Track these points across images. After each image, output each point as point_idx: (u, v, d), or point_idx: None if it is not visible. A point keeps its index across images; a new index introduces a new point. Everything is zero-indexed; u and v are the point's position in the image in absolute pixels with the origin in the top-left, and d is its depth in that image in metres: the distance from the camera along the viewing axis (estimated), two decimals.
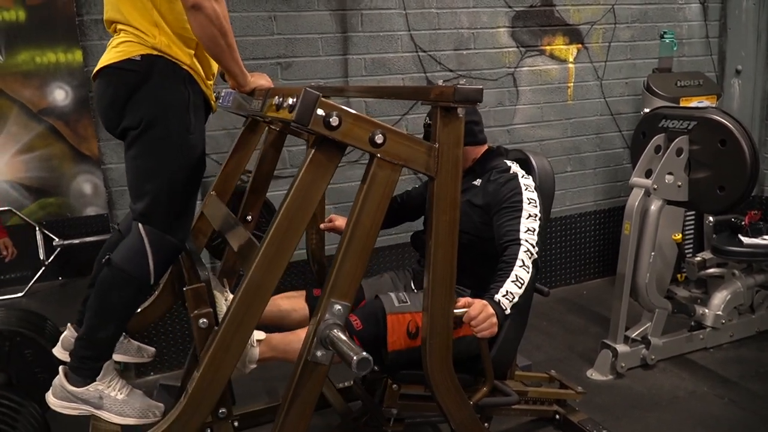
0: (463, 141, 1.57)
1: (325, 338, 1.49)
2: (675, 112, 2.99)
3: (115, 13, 1.78)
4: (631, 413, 2.73)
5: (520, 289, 1.84)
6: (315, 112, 1.38)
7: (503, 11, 3.67)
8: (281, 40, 3.20)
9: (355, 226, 1.51)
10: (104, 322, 1.80)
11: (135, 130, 1.76)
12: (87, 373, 1.81)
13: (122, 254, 1.81)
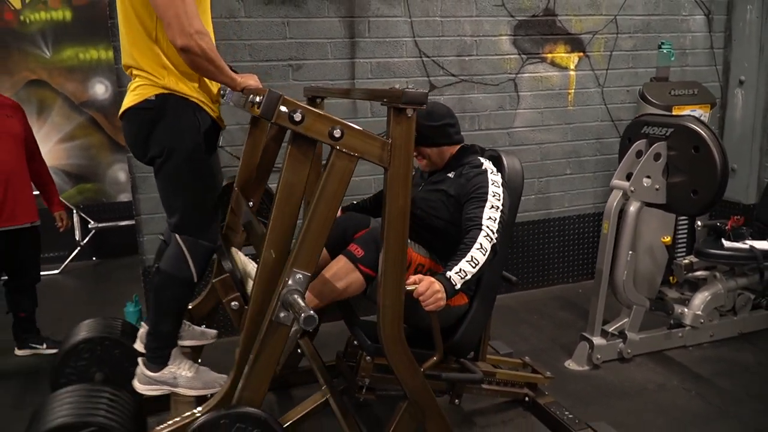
0: (413, 137, 1.80)
1: (286, 302, 1.75)
2: (655, 120, 3.15)
3: (129, 59, 2.11)
4: (599, 400, 2.91)
5: (473, 268, 2.05)
6: (279, 109, 1.64)
7: (505, 20, 3.87)
8: (293, 43, 3.48)
9: (316, 207, 1.77)
10: (163, 318, 2.19)
11: (159, 158, 2.11)
12: (159, 360, 2.21)
13: (167, 261, 2.18)
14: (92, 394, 2.02)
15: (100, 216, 5.25)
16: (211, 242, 2.21)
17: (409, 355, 1.98)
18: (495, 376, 2.72)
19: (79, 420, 1.87)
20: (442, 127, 2.42)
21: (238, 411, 1.78)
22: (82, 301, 4.46)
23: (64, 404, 1.93)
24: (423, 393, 2.03)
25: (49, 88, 5.08)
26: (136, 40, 2.07)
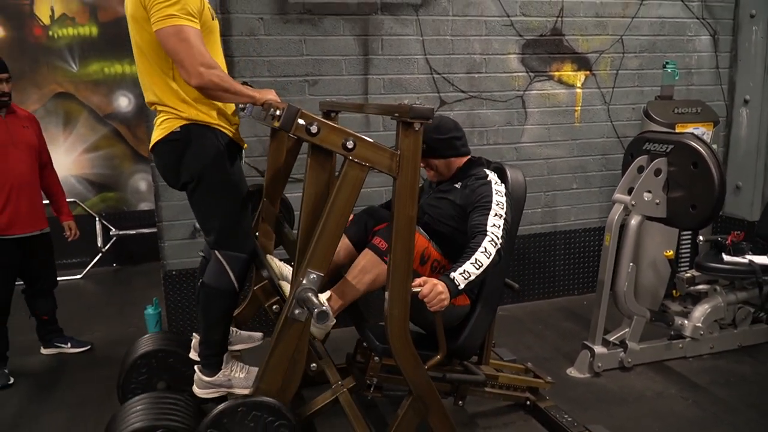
0: (420, 148, 1.95)
1: (300, 299, 1.89)
2: (656, 137, 3.27)
3: (152, 96, 2.28)
4: (598, 406, 3.01)
5: (477, 270, 2.18)
6: (297, 121, 1.79)
7: (514, 39, 4.03)
8: (310, 60, 3.65)
9: (330, 213, 1.92)
10: (213, 328, 2.36)
11: (191, 183, 2.29)
12: (214, 365, 2.38)
13: (210, 276, 2.34)
14: (157, 400, 2.21)
15: (120, 224, 5.43)
16: (248, 253, 2.37)
17: (414, 352, 2.11)
18: (497, 380, 2.83)
19: (149, 424, 2.05)
20: (449, 140, 2.56)
21: (254, 400, 1.92)
22: (104, 304, 4.63)
23: (134, 412, 2.12)
24: (427, 389, 2.16)
25: (76, 100, 5.30)
26: (155, 81, 2.25)
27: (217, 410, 1.90)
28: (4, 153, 3.22)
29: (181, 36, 2.06)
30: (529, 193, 4.18)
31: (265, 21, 3.54)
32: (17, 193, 3.27)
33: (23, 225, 3.31)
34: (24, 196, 3.31)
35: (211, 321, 2.37)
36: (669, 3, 4.32)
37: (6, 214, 3.24)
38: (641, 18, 4.28)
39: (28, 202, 3.33)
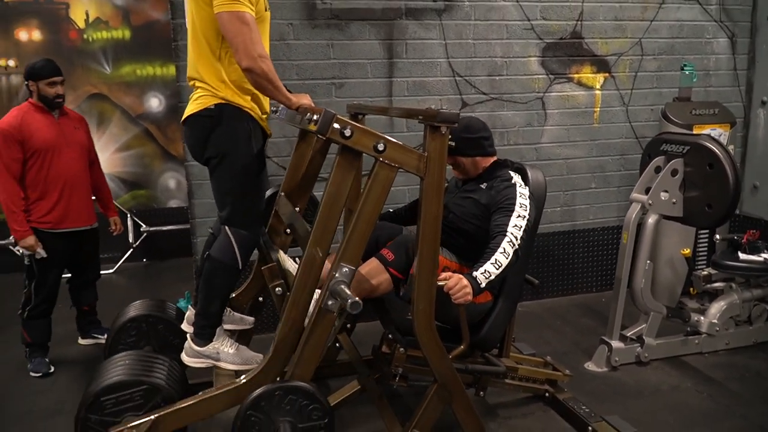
0: (446, 150, 2.07)
1: (334, 291, 2.03)
2: (673, 138, 3.36)
3: (194, 72, 2.43)
4: (614, 398, 3.11)
5: (497, 269, 2.30)
6: (332, 126, 1.93)
7: (534, 42, 4.13)
8: (336, 64, 3.79)
9: (362, 210, 2.06)
10: (212, 300, 2.48)
11: (215, 159, 2.42)
12: (206, 336, 2.49)
13: (217, 250, 2.47)
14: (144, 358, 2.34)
15: (151, 220, 5.63)
16: (255, 235, 2.50)
17: (439, 342, 2.24)
18: (517, 372, 2.95)
19: (133, 379, 2.18)
20: (477, 140, 2.68)
21: (290, 384, 2.06)
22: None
23: (119, 365, 2.25)
24: (451, 377, 2.29)
25: (109, 101, 5.50)
26: (202, 58, 2.38)
27: (256, 394, 2.04)
28: (58, 153, 3.40)
29: (243, 20, 2.20)
30: (548, 192, 4.28)
31: (295, 26, 3.69)
32: (70, 190, 3.45)
33: (74, 220, 3.50)
34: (75, 192, 3.49)
35: (211, 293, 2.47)
36: (687, 6, 4.39)
37: (59, 209, 3.42)
38: (660, 21, 4.35)
39: (79, 198, 3.51)
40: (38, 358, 3.50)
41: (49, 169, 3.40)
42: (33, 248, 3.36)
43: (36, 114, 3.40)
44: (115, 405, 2.15)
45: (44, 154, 3.37)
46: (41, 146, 3.36)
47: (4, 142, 3.29)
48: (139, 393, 2.17)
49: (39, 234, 3.39)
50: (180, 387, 2.29)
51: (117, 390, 2.16)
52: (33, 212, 3.40)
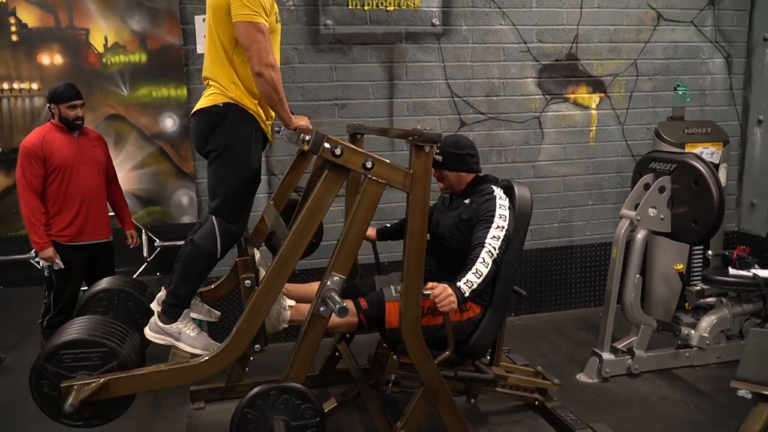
0: (431, 168, 2.23)
1: (325, 298, 2.18)
2: (662, 156, 3.49)
3: (208, 72, 2.62)
4: (603, 408, 3.21)
5: (478, 279, 2.43)
6: (323, 145, 2.09)
7: (531, 64, 4.29)
8: (339, 85, 3.98)
9: (352, 223, 2.21)
10: (185, 282, 2.60)
11: (215, 152, 2.57)
12: (172, 315, 2.60)
13: (200, 236, 2.60)
14: (107, 323, 2.44)
15: (164, 235, 5.83)
16: (239, 230, 2.64)
17: (425, 348, 2.37)
18: (507, 380, 3.06)
19: (94, 339, 2.27)
20: (464, 156, 2.83)
21: (285, 385, 2.20)
22: None
23: (84, 325, 2.36)
24: (436, 381, 2.42)
25: (126, 121, 5.75)
26: (216, 59, 2.57)
27: (252, 393, 2.18)
28: (76, 170, 3.60)
29: (258, 29, 2.39)
30: (545, 208, 4.47)
31: (300, 51, 3.89)
32: (87, 205, 3.64)
33: (91, 233, 3.68)
34: (92, 208, 3.68)
35: (186, 276, 2.57)
36: (682, 28, 4.53)
37: (76, 223, 3.62)
38: (654, 42, 4.49)
39: (96, 213, 3.70)
40: None
41: (68, 186, 3.60)
42: (52, 259, 3.55)
43: (57, 134, 3.61)
44: (72, 360, 2.23)
45: (64, 171, 3.58)
46: (61, 164, 3.56)
47: (27, 160, 3.50)
48: (98, 354, 2.26)
49: (57, 246, 3.58)
50: (137, 358, 2.38)
51: (77, 346, 2.25)
52: (52, 226, 3.60)
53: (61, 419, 2.29)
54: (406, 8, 3.99)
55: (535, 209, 4.44)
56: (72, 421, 2.29)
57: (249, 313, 2.26)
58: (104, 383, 2.21)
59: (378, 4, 3.95)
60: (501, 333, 2.99)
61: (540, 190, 4.44)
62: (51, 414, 2.29)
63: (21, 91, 5.55)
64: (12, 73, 5.51)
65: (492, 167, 4.27)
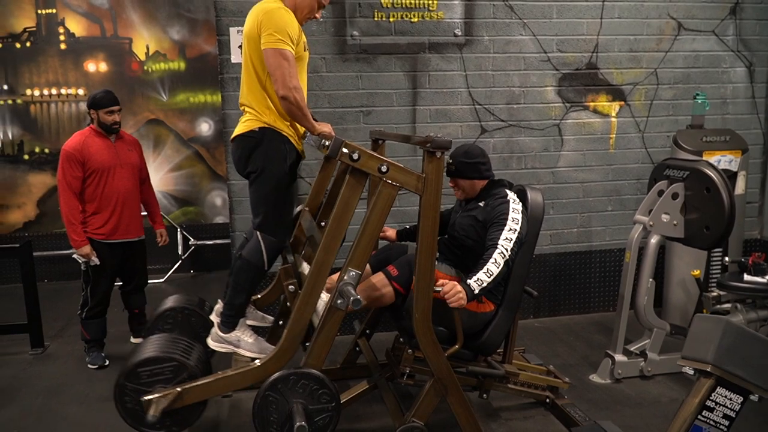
0: (442, 172, 2.39)
1: (342, 291, 2.36)
2: (675, 163, 3.58)
3: (244, 99, 2.85)
4: (613, 407, 3.31)
5: (489, 278, 2.58)
6: (341, 150, 2.28)
7: (551, 73, 4.41)
8: (364, 93, 4.17)
9: (368, 222, 2.39)
10: (238, 293, 2.85)
11: (254, 173, 2.81)
12: (230, 325, 2.86)
13: (247, 251, 2.85)
14: (175, 339, 2.72)
15: (198, 235, 6.11)
16: (281, 242, 2.87)
17: (435, 339, 2.53)
18: (518, 377, 3.19)
19: (164, 355, 2.55)
20: (475, 164, 2.98)
21: (303, 371, 2.39)
22: None
23: (155, 344, 2.65)
24: (446, 372, 2.57)
25: (164, 126, 6.05)
26: (252, 86, 2.80)
27: (274, 377, 2.37)
28: (112, 172, 3.86)
29: (283, 56, 2.62)
30: (564, 214, 4.59)
31: (327, 60, 4.09)
32: (121, 205, 3.90)
33: (124, 232, 3.94)
34: (126, 208, 3.93)
35: (238, 287, 2.83)
36: (703, 37, 4.59)
37: (111, 222, 3.88)
38: (675, 52, 4.57)
39: (130, 213, 3.96)
40: (95, 352, 3.95)
41: (104, 187, 3.86)
42: (88, 256, 3.81)
43: (95, 138, 3.87)
44: (149, 376, 2.51)
45: (101, 173, 3.83)
46: (98, 166, 3.82)
47: (67, 162, 3.77)
48: (169, 368, 2.53)
49: (94, 244, 3.84)
50: (204, 367, 2.64)
51: (151, 364, 2.52)
52: (89, 224, 3.86)
53: (144, 429, 2.55)
54: (429, 20, 4.16)
55: (555, 214, 4.60)
56: (155, 430, 2.54)
57: (296, 315, 2.47)
58: (179, 393, 2.46)
59: (402, 16, 4.13)
60: (513, 331, 3.12)
61: (559, 195, 4.55)
62: (135, 425, 2.55)
63: (68, 96, 5.89)
64: (60, 79, 5.86)
65: (512, 173, 4.40)
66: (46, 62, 5.82)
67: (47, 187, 5.95)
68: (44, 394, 3.56)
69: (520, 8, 4.28)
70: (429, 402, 2.62)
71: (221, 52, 3.97)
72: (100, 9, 5.84)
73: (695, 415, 1.89)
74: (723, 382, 1.87)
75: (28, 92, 5.83)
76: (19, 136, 5.88)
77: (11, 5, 5.71)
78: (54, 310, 4.96)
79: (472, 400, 3.20)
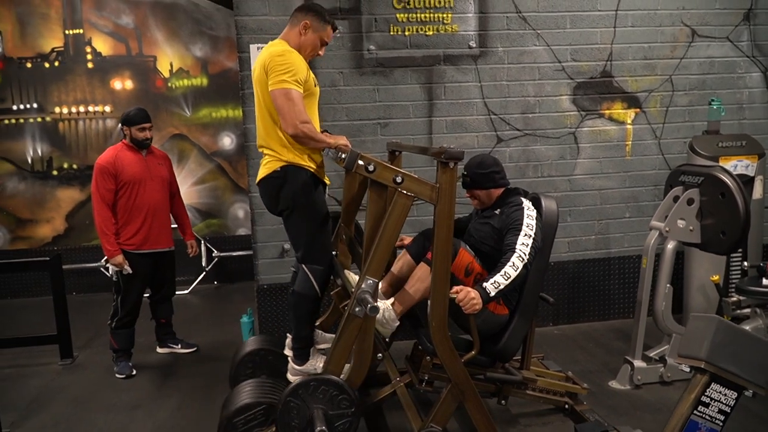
0: (455, 182, 2.46)
1: (360, 299, 2.43)
2: (690, 169, 3.59)
3: (262, 141, 2.95)
4: (632, 413, 3.32)
5: (506, 281, 2.63)
6: (357, 162, 2.36)
7: (566, 82, 4.46)
8: (381, 106, 4.26)
9: (383, 233, 2.46)
10: (302, 326, 2.95)
11: (286, 211, 2.92)
12: (303, 357, 2.97)
13: (299, 285, 2.95)
14: (261, 383, 2.87)
15: (221, 247, 6.24)
16: (325, 266, 2.95)
17: (452, 346, 2.59)
18: (536, 384, 3.22)
19: (256, 400, 2.69)
20: (490, 174, 3.05)
21: (323, 377, 2.46)
22: (207, 314, 5.38)
23: (244, 391, 2.80)
24: (462, 377, 2.62)
25: (188, 140, 6.20)
26: (268, 128, 2.90)
27: (294, 384, 2.45)
28: (143, 185, 4.01)
29: (288, 96, 2.71)
30: (582, 221, 4.62)
31: (344, 74, 4.19)
32: (152, 216, 4.04)
33: (155, 242, 4.08)
34: (156, 219, 4.07)
35: (300, 320, 2.94)
36: (717, 44, 4.61)
37: (142, 233, 4.01)
38: (690, 58, 4.59)
39: (160, 224, 4.10)
40: (123, 362, 4.07)
41: (135, 199, 4.00)
42: (121, 265, 3.95)
43: (127, 152, 4.03)
44: (244, 423, 2.67)
45: (132, 185, 3.98)
46: (130, 179, 3.97)
47: (101, 175, 3.92)
48: (261, 411, 2.68)
49: (125, 254, 3.98)
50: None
51: (243, 412, 2.67)
52: (121, 235, 4.00)
53: None
54: (444, 33, 4.25)
55: (572, 221, 4.63)
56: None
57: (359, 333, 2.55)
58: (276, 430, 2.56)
59: (418, 30, 4.21)
60: (530, 337, 3.17)
61: (576, 203, 4.58)
62: None
63: (95, 113, 6.08)
64: (88, 97, 6.06)
65: (528, 181, 4.45)
66: (74, 81, 6.02)
67: (75, 201, 6.13)
68: (74, 403, 3.68)
69: (534, 19, 4.35)
70: (447, 407, 2.67)
71: (242, 68, 4.09)
72: (125, 28, 6.03)
73: (691, 410, 1.98)
74: (717, 378, 1.94)
75: (56, 110, 6.03)
76: (48, 152, 6.08)
77: (40, 27, 5.92)
78: (82, 322, 5.10)
79: (491, 407, 3.25)
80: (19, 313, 5.61)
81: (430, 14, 4.22)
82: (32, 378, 4.06)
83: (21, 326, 5.09)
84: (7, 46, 5.92)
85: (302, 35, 2.89)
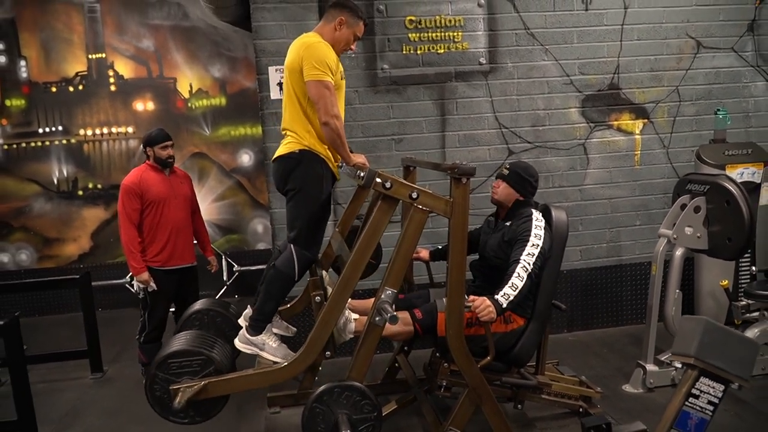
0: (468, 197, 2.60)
1: (380, 309, 2.57)
2: (697, 178, 3.71)
3: (286, 124, 3.10)
4: (644, 415, 3.41)
5: (514, 291, 2.77)
6: (375, 180, 2.51)
7: (574, 95, 4.59)
8: (395, 122, 4.41)
9: (401, 245, 2.61)
10: (268, 300, 3.06)
11: (292, 191, 3.05)
12: (257, 329, 3.07)
13: (281, 262, 3.07)
14: (203, 335, 2.95)
15: (242, 261, 6.41)
16: (313, 255, 3.07)
17: (468, 352, 2.72)
18: (551, 388, 3.33)
19: (193, 349, 2.76)
20: (527, 181, 3.19)
21: (347, 383, 2.60)
22: None
23: (186, 339, 2.87)
24: (479, 382, 2.75)
25: (208, 158, 6.40)
26: (294, 113, 3.04)
27: (320, 390, 2.58)
28: (167, 204, 4.18)
29: (325, 86, 2.86)
30: (593, 229, 4.74)
31: (360, 93, 4.35)
32: (175, 234, 4.20)
33: (179, 259, 4.23)
34: (181, 236, 4.23)
35: (269, 295, 3.00)
36: (722, 54, 4.72)
37: (167, 250, 4.18)
38: (695, 69, 4.70)
39: (183, 241, 4.26)
40: None
41: (160, 217, 4.17)
42: (147, 282, 4.11)
43: (151, 173, 4.20)
44: (178, 368, 2.71)
45: (157, 204, 4.15)
46: (155, 198, 4.14)
47: (127, 196, 4.10)
48: (198, 361, 2.74)
49: (151, 270, 4.14)
50: (229, 364, 2.86)
51: (181, 356, 2.74)
52: (147, 252, 4.16)
53: (170, 417, 2.78)
54: (455, 50, 4.40)
55: (584, 230, 4.74)
56: (179, 418, 2.78)
57: (320, 324, 2.69)
58: (204, 386, 2.68)
59: (429, 48, 4.38)
60: (544, 343, 3.29)
61: (587, 212, 4.69)
62: (162, 413, 2.78)
63: (118, 134, 6.30)
64: (111, 118, 6.28)
65: (540, 192, 4.52)
66: (98, 103, 6.25)
67: (100, 220, 6.34)
68: (105, 415, 3.84)
69: (542, 35, 4.49)
70: (465, 411, 2.79)
71: (261, 89, 4.27)
72: (146, 52, 6.26)
73: (683, 401, 2.19)
74: (706, 372, 2.16)
75: (81, 132, 6.26)
76: (73, 173, 6.30)
77: (64, 52, 6.17)
78: (110, 337, 5.26)
79: (507, 412, 3.36)
80: (48, 329, 5.80)
81: (441, 33, 4.38)
82: (65, 392, 4.23)
83: (51, 342, 5.27)
84: (32, 72, 6.17)
85: (337, 30, 3.04)
